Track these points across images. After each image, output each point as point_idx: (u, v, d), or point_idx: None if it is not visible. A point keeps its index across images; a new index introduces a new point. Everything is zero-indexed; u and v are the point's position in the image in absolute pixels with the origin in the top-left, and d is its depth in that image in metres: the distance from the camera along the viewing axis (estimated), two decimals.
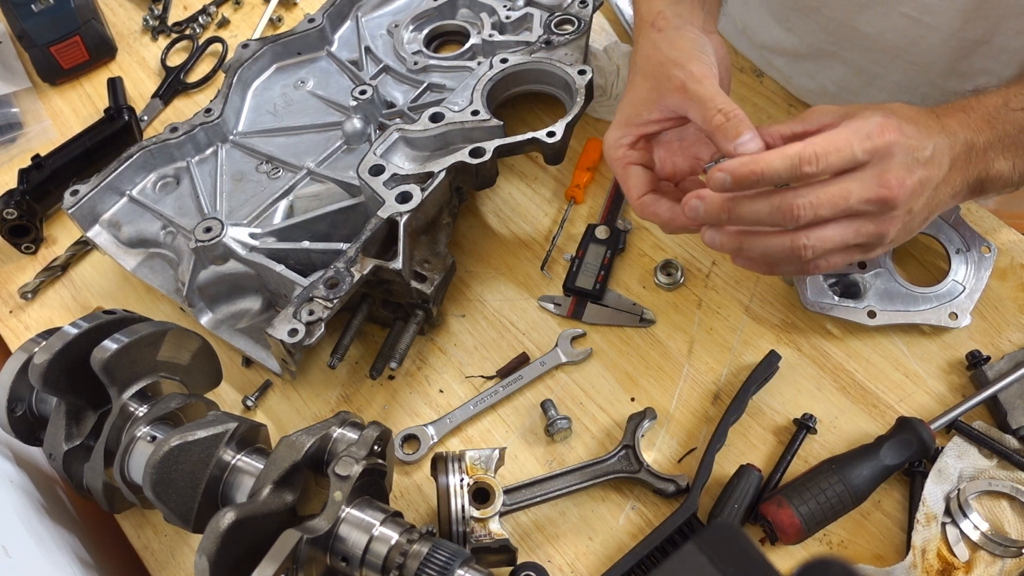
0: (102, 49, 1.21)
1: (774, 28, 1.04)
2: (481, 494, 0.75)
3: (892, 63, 0.95)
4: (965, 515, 0.77)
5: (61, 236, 1.05)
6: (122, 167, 0.95)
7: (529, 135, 0.88)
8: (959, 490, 0.78)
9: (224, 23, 1.27)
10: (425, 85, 1.01)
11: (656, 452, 0.84)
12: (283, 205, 0.93)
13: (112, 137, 1.07)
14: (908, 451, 0.77)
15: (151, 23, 1.26)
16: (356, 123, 0.97)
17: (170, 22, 1.26)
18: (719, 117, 0.70)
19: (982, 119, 0.72)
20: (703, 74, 0.73)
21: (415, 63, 1.03)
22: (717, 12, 0.86)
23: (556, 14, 1.00)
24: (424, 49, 1.06)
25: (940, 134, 0.70)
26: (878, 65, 0.96)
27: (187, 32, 1.25)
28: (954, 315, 0.86)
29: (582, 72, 0.93)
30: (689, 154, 0.81)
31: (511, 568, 0.75)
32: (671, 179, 0.81)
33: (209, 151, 1.00)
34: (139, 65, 1.23)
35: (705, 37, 0.78)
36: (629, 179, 0.78)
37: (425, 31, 1.08)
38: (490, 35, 1.03)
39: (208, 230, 0.86)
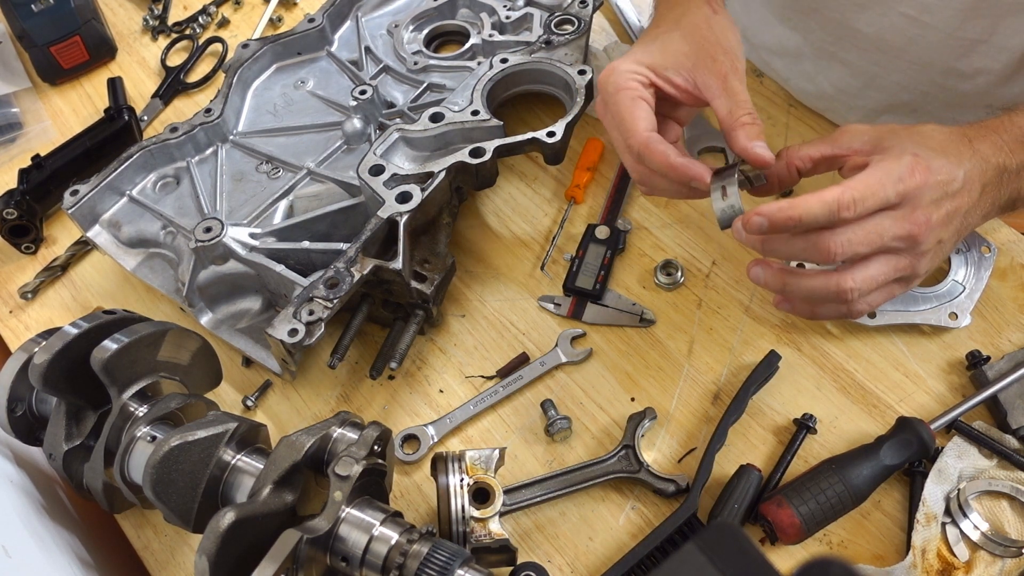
0: (102, 49, 1.21)
1: (776, 27, 1.04)
2: (481, 494, 0.75)
3: (891, 63, 0.95)
4: (965, 515, 0.77)
5: (61, 236, 1.05)
6: (122, 167, 0.95)
7: (529, 135, 0.88)
8: (959, 490, 0.78)
9: (224, 23, 1.27)
10: (425, 85, 1.01)
11: (656, 452, 0.84)
12: (283, 205, 0.93)
13: (112, 137, 1.07)
14: (908, 451, 0.77)
15: (151, 23, 1.26)
16: (356, 123, 0.97)
17: (170, 22, 1.27)
18: (747, 117, 0.73)
19: (1015, 140, 0.73)
20: (743, 72, 0.76)
21: (415, 63, 1.03)
22: None
23: (556, 14, 1.00)
24: (424, 49, 1.06)
25: (971, 159, 0.71)
26: (877, 65, 0.96)
27: (187, 32, 1.25)
28: (954, 315, 0.86)
29: (582, 72, 0.93)
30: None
31: (511, 568, 0.75)
32: None
33: (209, 151, 1.00)
34: (139, 65, 1.23)
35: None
36: (636, 110, 0.75)
37: (425, 31, 1.08)
38: (490, 35, 1.03)
39: (208, 230, 0.86)
